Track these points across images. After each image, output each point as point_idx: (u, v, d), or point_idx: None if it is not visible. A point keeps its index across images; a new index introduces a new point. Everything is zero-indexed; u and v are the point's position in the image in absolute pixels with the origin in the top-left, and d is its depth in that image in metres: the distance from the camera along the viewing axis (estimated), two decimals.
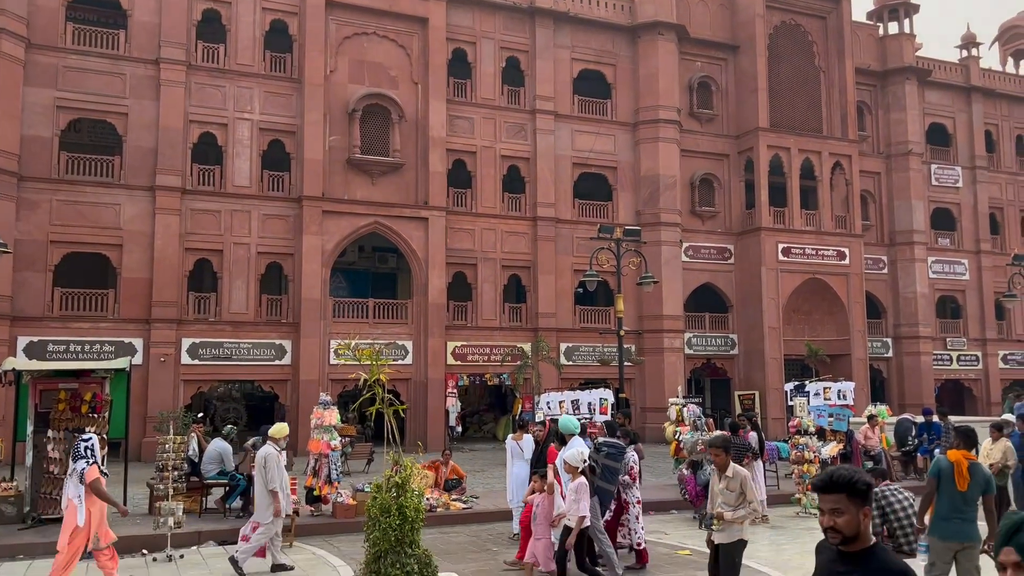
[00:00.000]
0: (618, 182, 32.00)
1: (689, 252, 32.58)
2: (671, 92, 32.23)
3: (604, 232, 18.20)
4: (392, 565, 6.47)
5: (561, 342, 30.06)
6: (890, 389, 35.92)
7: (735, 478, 7.32)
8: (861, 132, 36.24)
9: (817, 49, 34.96)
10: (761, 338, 32.05)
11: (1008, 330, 38.58)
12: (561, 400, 18.27)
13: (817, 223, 33.69)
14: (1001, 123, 40.41)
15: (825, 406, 18.62)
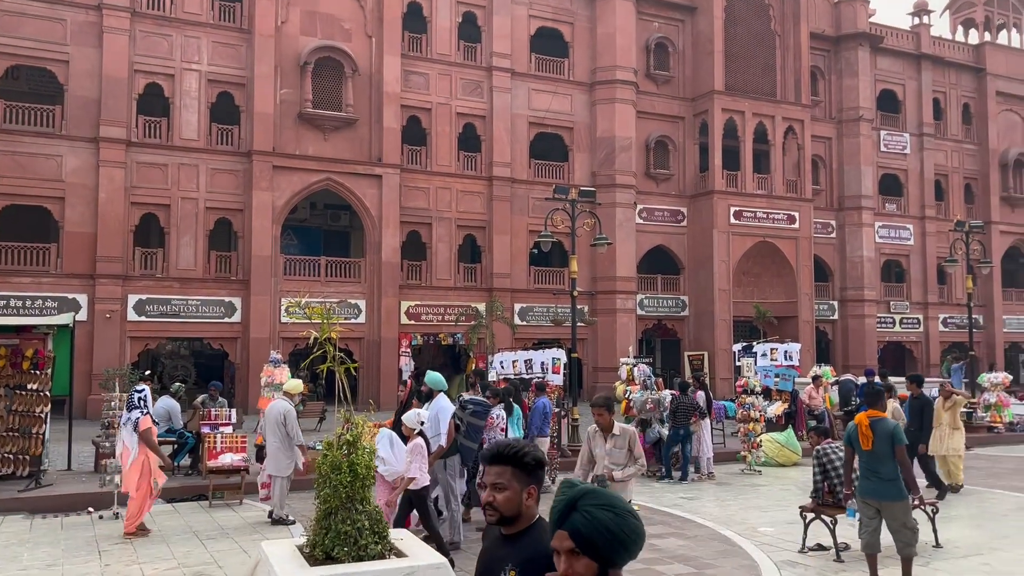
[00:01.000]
0: (574, 143, 31.92)
1: (643, 214, 32.76)
2: (628, 53, 32.10)
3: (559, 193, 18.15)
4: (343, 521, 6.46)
5: (515, 302, 30.13)
6: (835, 350, 36.84)
7: (623, 435, 7.15)
8: (814, 97, 36.59)
9: (773, 13, 35.04)
10: (711, 300, 32.53)
11: (948, 294, 39.73)
12: (514, 360, 18.31)
13: (769, 187, 34.09)
14: (949, 91, 41.14)
15: (772, 367, 19.08)
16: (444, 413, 9.23)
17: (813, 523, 8.89)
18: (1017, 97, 42.24)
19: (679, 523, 10.41)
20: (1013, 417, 20.86)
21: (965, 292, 23.44)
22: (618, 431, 7.12)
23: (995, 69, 41.48)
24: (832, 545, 8.60)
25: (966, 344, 24.67)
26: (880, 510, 7.26)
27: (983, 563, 8.25)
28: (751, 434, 14.98)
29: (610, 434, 7.14)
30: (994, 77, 41.41)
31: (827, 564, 8.35)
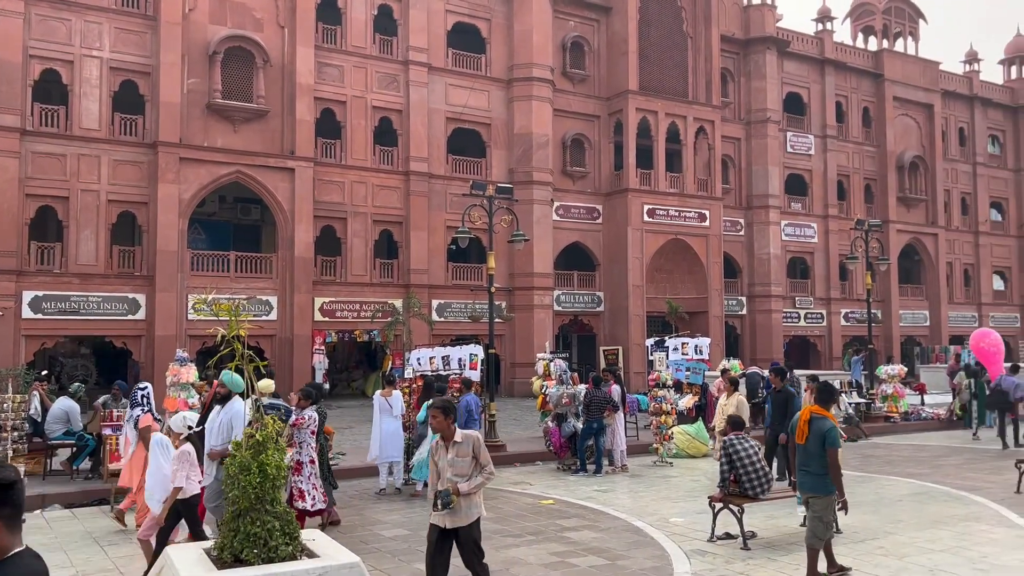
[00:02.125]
0: (492, 139, 31.94)
1: (560, 211, 33.05)
2: (545, 50, 32.31)
3: (476, 189, 18.11)
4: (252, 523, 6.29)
5: (433, 298, 29.98)
6: (743, 344, 38.00)
7: (465, 443, 6.39)
8: (724, 99, 37.60)
9: (686, 15, 35.84)
10: (626, 296, 33.09)
11: (850, 290, 41.46)
12: (432, 356, 18.19)
13: (681, 186, 34.88)
14: (850, 95, 42.91)
15: (683, 360, 19.54)
16: (238, 417, 8.41)
17: (721, 513, 9.13)
18: (912, 102, 44.40)
19: (593, 515, 10.54)
20: (908, 407, 21.94)
21: (865, 288, 24.47)
22: (460, 438, 6.41)
23: (892, 75, 43.49)
24: (739, 534, 8.85)
25: (866, 338, 25.79)
26: (807, 502, 7.50)
27: (879, 547, 8.63)
28: (663, 427, 15.29)
29: (452, 442, 6.42)
30: (891, 83, 43.41)
31: (735, 552, 8.59)
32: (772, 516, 10.20)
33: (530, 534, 9.54)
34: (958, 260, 46.18)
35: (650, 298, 33.83)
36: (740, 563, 8.19)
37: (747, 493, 9.13)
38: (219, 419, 8.51)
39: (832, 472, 7.28)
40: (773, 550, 8.67)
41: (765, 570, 7.93)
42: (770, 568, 7.99)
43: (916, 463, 14.98)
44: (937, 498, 11.49)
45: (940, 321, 44.33)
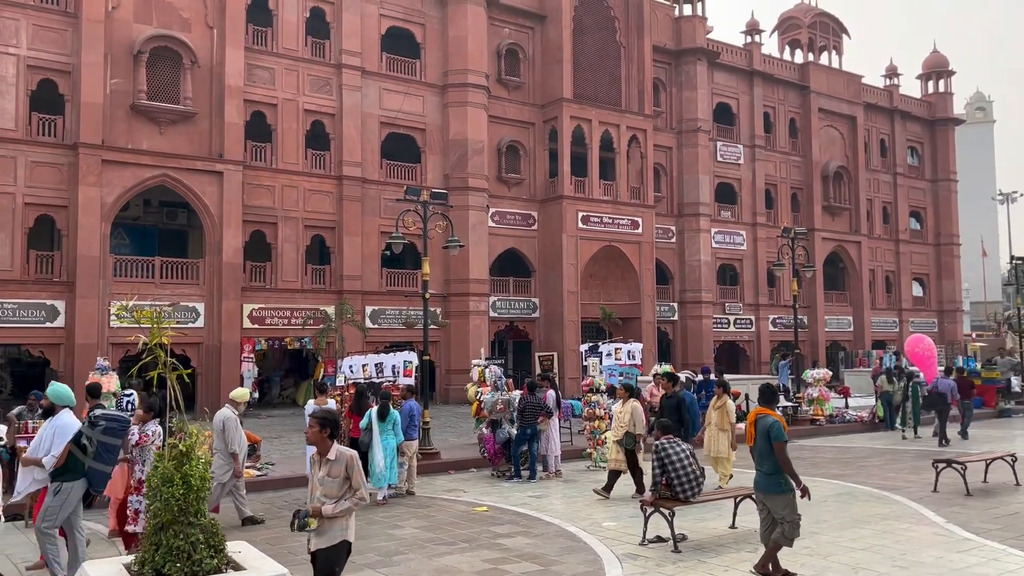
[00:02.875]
0: (427, 144, 31.79)
1: (495, 217, 33.07)
2: (480, 57, 32.34)
3: (411, 194, 17.96)
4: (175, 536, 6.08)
5: (367, 305, 29.64)
6: (675, 350, 38.59)
7: (339, 461, 5.87)
8: (656, 108, 38.22)
9: (619, 25, 36.34)
10: (561, 302, 33.29)
11: (777, 296, 42.52)
12: (364, 364, 17.96)
13: (614, 193, 35.30)
14: (778, 106, 44.10)
15: (616, 366, 19.74)
16: (63, 431, 7.86)
17: (653, 516, 9.21)
18: (836, 114, 45.87)
19: (527, 521, 10.53)
20: (832, 410, 22.57)
21: (791, 294, 25.11)
22: (334, 455, 5.87)
23: (818, 87, 44.87)
24: (670, 536, 8.94)
25: (792, 343, 26.45)
26: (764, 501, 7.61)
27: (804, 547, 8.81)
28: (596, 431, 15.40)
29: (324, 459, 5.91)
30: (816, 95, 44.78)
31: (666, 555, 8.67)
32: (702, 518, 10.35)
33: (463, 542, 9.47)
34: (880, 267, 47.84)
35: (585, 304, 34.11)
36: (671, 566, 8.27)
37: (678, 496, 9.24)
38: (44, 432, 7.91)
39: (783, 466, 7.40)
40: (703, 552, 8.79)
41: (695, 572, 8.03)
42: (700, 570, 8.09)
43: (841, 464, 15.41)
44: (860, 498, 11.83)
45: (863, 326, 45.83)
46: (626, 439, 12.04)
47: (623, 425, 12.08)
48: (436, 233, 20.50)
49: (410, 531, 10.12)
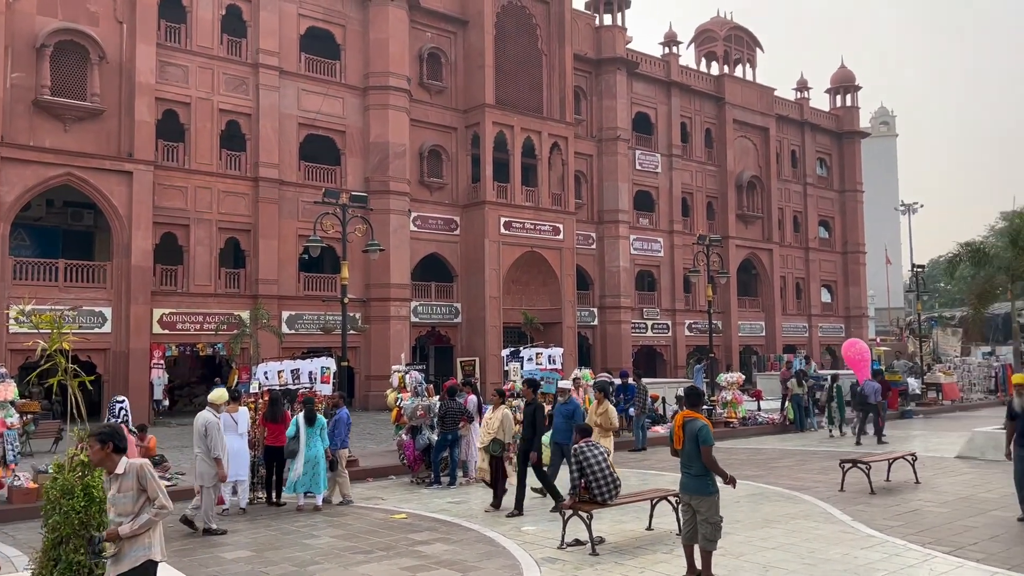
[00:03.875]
0: (347, 147, 31.36)
1: (417, 222, 32.85)
2: (402, 60, 32.10)
3: (329, 196, 17.68)
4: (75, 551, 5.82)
5: (283, 310, 29.01)
6: (595, 354, 39.06)
7: (128, 474, 5.25)
8: (577, 116, 38.68)
9: (540, 33, 36.65)
10: (483, 307, 33.29)
11: (693, 302, 43.51)
12: (280, 370, 17.49)
13: (536, 199, 35.53)
14: (694, 117, 45.20)
15: (537, 370, 19.77)
16: None
17: (571, 519, 9.25)
18: (750, 125, 47.31)
19: (446, 528, 10.44)
20: (746, 413, 23.19)
21: (706, 300, 25.72)
22: (123, 468, 5.26)
23: (732, 99, 46.19)
24: (588, 540, 8.99)
25: (707, 347, 27.06)
26: (691, 503, 7.67)
27: (719, 546, 8.98)
28: (517, 435, 15.36)
29: (113, 475, 5.29)
30: (731, 106, 46.09)
31: (584, 558, 8.71)
32: (620, 521, 10.45)
33: (381, 550, 9.32)
34: (790, 274, 49.51)
35: (507, 309, 34.19)
36: (589, 568, 8.31)
37: (596, 499, 9.30)
38: None
39: (710, 467, 7.53)
40: (620, 554, 8.86)
41: (612, 574, 8.09)
42: (617, 572, 8.16)
43: (753, 465, 15.81)
44: (771, 498, 12.15)
45: (775, 331, 47.31)
46: (493, 445, 11.59)
47: (491, 432, 11.65)
48: (356, 236, 20.25)
49: (326, 540, 9.90)
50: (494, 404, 12.11)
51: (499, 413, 11.81)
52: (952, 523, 10.10)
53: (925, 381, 28.85)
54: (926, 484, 13.02)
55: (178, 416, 27.34)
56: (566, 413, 12.16)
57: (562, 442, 12.21)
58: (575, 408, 12.24)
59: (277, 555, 9.19)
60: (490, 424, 11.83)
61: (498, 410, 11.89)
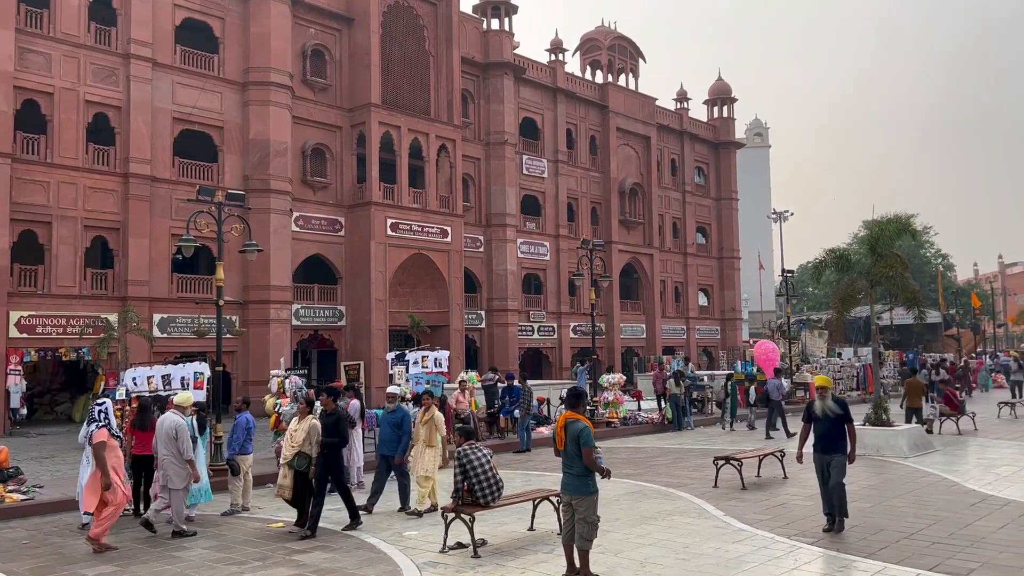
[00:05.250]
0: (225, 144, 30.23)
1: (300, 222, 32.02)
2: (284, 56, 31.23)
3: (204, 194, 16.93)
4: None
5: (155, 312, 27.67)
6: (482, 357, 39.13)
7: None
8: (465, 119, 38.69)
9: (428, 34, 36.46)
10: (368, 310, 32.77)
11: (578, 305, 44.27)
12: (151, 375, 16.67)
13: (424, 201, 35.29)
14: (579, 124, 46.05)
15: (423, 374, 19.62)
16: None
17: (454, 522, 9.18)
18: (632, 133, 48.61)
19: (326, 535, 10.17)
20: (626, 412, 23.76)
21: (590, 303, 26.16)
22: None
23: (616, 107, 47.33)
24: (471, 542, 8.94)
25: (591, 349, 27.56)
26: (571, 503, 7.70)
27: (597, 544, 9.08)
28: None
29: None
30: (615, 114, 47.21)
31: (466, 561, 8.67)
32: (502, 522, 10.46)
33: (256, 560, 8.99)
34: (670, 278, 51.15)
35: (393, 312, 33.78)
36: (470, 571, 8.27)
37: (479, 501, 9.28)
38: None
39: (590, 467, 7.60)
40: (502, 556, 8.87)
41: None
42: (498, 574, 8.16)
43: (632, 464, 16.19)
44: (649, 495, 12.46)
45: (655, 333, 48.75)
46: (297, 459, 10.31)
47: (296, 445, 10.36)
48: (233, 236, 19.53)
49: (198, 552, 9.47)
50: (300, 413, 10.75)
51: (305, 424, 10.50)
52: (816, 515, 10.62)
53: (794, 381, 30.33)
54: (793, 479, 13.66)
55: (37, 425, 25.64)
56: (393, 422, 11.48)
57: (388, 454, 11.52)
58: (403, 416, 11.59)
59: (144, 569, 8.72)
60: (294, 436, 10.47)
61: (304, 420, 10.57)
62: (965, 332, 57.26)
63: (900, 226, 18.88)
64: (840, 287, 20.53)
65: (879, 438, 16.42)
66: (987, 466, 14.67)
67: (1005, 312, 77.03)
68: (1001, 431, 20.42)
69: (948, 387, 22.25)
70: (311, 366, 33.74)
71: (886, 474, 14.06)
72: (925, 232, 67.37)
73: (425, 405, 12.06)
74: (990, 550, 8.60)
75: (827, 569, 8.07)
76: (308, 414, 10.76)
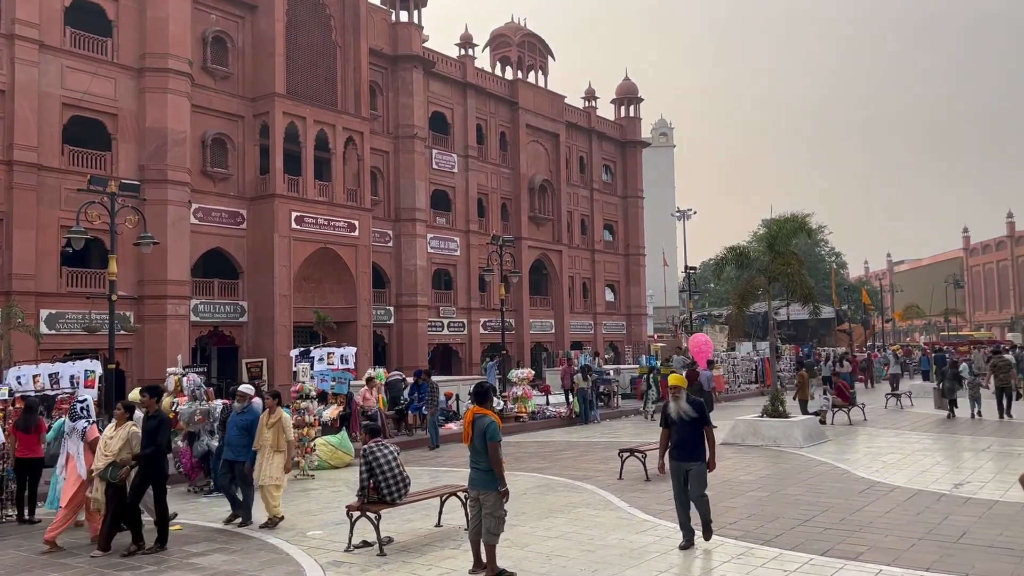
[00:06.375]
0: (119, 132, 28.88)
1: (199, 214, 30.93)
2: (183, 42, 30.05)
3: (95, 184, 16.17)
4: None
5: (42, 308, 26.23)
6: (391, 353, 38.73)
7: None
8: (373, 111, 38.15)
9: (335, 24, 35.76)
10: (272, 305, 31.94)
11: (488, 300, 44.34)
12: (37, 374, 15.77)
13: (330, 194, 34.63)
14: (490, 119, 46.07)
15: (329, 371, 19.23)
16: None
17: (359, 521, 9.03)
18: (541, 131, 48.97)
19: (225, 537, 9.86)
20: (535, 407, 23.93)
21: (500, 299, 26.28)
22: None
23: (525, 104, 47.58)
24: (376, 540, 8.82)
25: (500, 344, 27.66)
26: (478, 498, 7.65)
27: (505, 538, 9.07)
28: (305, 439, 14.90)
29: None
30: (524, 111, 47.45)
31: (371, 559, 8.53)
32: (409, 520, 10.36)
33: (151, 564, 8.63)
34: (578, 274, 51.82)
35: (298, 308, 33.03)
36: (376, 570, 8.15)
37: (386, 499, 9.16)
38: None
39: (494, 465, 7.55)
40: (408, 553, 8.77)
41: (399, 574, 7.98)
42: (404, 571, 8.06)
43: (540, 458, 16.32)
44: (556, 489, 12.57)
45: (564, 328, 49.31)
46: (111, 470, 9.30)
47: (110, 454, 9.33)
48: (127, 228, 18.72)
49: (87, 558, 9.01)
50: (118, 419, 9.66)
51: (124, 431, 9.50)
52: (716, 505, 10.88)
53: None
54: None
55: None
56: (242, 424, 10.59)
57: (236, 459, 10.53)
58: (253, 419, 10.61)
59: None
60: (109, 445, 9.41)
61: (123, 427, 9.55)
62: (856, 327, 60.11)
63: (796, 225, 19.60)
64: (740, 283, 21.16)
65: (776, 429, 17.03)
66: (875, 454, 15.41)
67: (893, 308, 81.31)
68: (888, 421, 21.51)
69: (840, 380, 23.29)
70: (211, 364, 32.69)
71: (782, 464, 14.59)
72: (820, 231, 70.48)
73: (269, 407, 10.68)
74: (877, 534, 9.03)
75: (725, 557, 8.30)
76: (127, 419, 9.63)
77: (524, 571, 7.88)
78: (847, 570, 7.64)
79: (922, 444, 16.70)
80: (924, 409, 24.09)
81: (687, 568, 8.00)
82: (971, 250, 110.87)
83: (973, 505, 10.47)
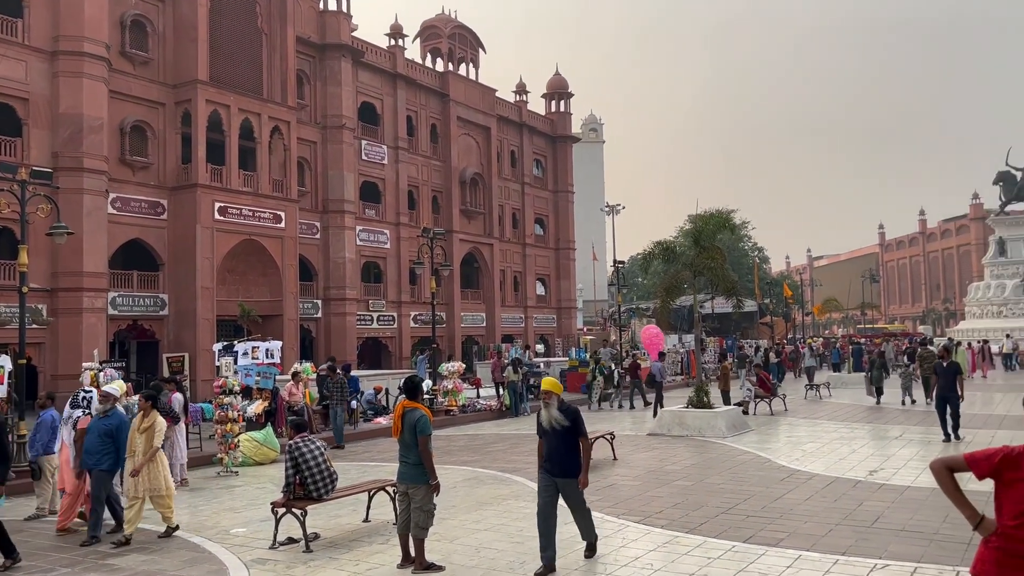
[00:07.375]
0: (31, 117, 27.60)
1: (117, 204, 29.84)
2: (99, 25, 28.89)
3: (4, 171, 15.44)
4: None
5: None
6: (319, 347, 38.13)
7: None
8: (300, 101, 37.41)
9: (260, 11, 34.92)
10: (194, 298, 31.06)
11: (419, 293, 44.05)
12: None
13: (255, 185, 33.83)
14: (420, 111, 45.70)
15: (253, 365, 18.85)
16: None
17: (285, 518, 8.86)
18: (473, 124, 48.83)
19: (143, 536, 9.52)
20: (465, 400, 23.90)
21: (430, 292, 26.10)
22: None
23: (456, 97, 47.35)
24: (302, 537, 8.66)
25: (431, 338, 27.52)
26: (407, 492, 7.60)
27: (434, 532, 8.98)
28: (228, 435, 14.56)
29: None
30: (455, 103, 47.23)
31: (297, 556, 8.38)
32: (336, 516, 10.22)
33: (64, 567, 8.30)
34: (509, 268, 51.92)
35: (221, 301, 32.20)
36: (302, 566, 8.01)
37: (312, 495, 9.00)
38: None
39: (424, 459, 7.53)
40: (335, 549, 8.65)
41: (326, 570, 7.86)
42: (331, 567, 7.94)
43: (470, 451, 16.30)
44: (485, 481, 12.57)
45: (495, 322, 49.36)
46: None
47: None
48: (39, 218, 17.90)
49: None
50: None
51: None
52: (643, 495, 11.09)
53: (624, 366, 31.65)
54: (623, 460, 14.21)
55: None
56: (105, 430, 9.37)
57: (95, 467, 9.35)
58: (119, 423, 9.51)
59: None
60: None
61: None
62: (778, 320, 61.86)
63: (721, 221, 20.03)
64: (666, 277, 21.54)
65: (700, 419, 17.40)
66: (795, 443, 15.88)
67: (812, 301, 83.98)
68: (807, 411, 22.20)
69: (762, 371, 23.92)
70: (130, 358, 31.64)
71: (706, 453, 14.91)
72: (743, 227, 72.15)
73: (143, 409, 9.50)
74: (796, 520, 9.30)
75: (651, 545, 8.43)
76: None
77: (453, 564, 7.85)
78: (769, 556, 7.85)
79: (839, 433, 17.28)
80: (841, 399, 24.96)
81: (614, 558, 8.09)
82: (886, 246, 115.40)
83: (887, 491, 10.88)
